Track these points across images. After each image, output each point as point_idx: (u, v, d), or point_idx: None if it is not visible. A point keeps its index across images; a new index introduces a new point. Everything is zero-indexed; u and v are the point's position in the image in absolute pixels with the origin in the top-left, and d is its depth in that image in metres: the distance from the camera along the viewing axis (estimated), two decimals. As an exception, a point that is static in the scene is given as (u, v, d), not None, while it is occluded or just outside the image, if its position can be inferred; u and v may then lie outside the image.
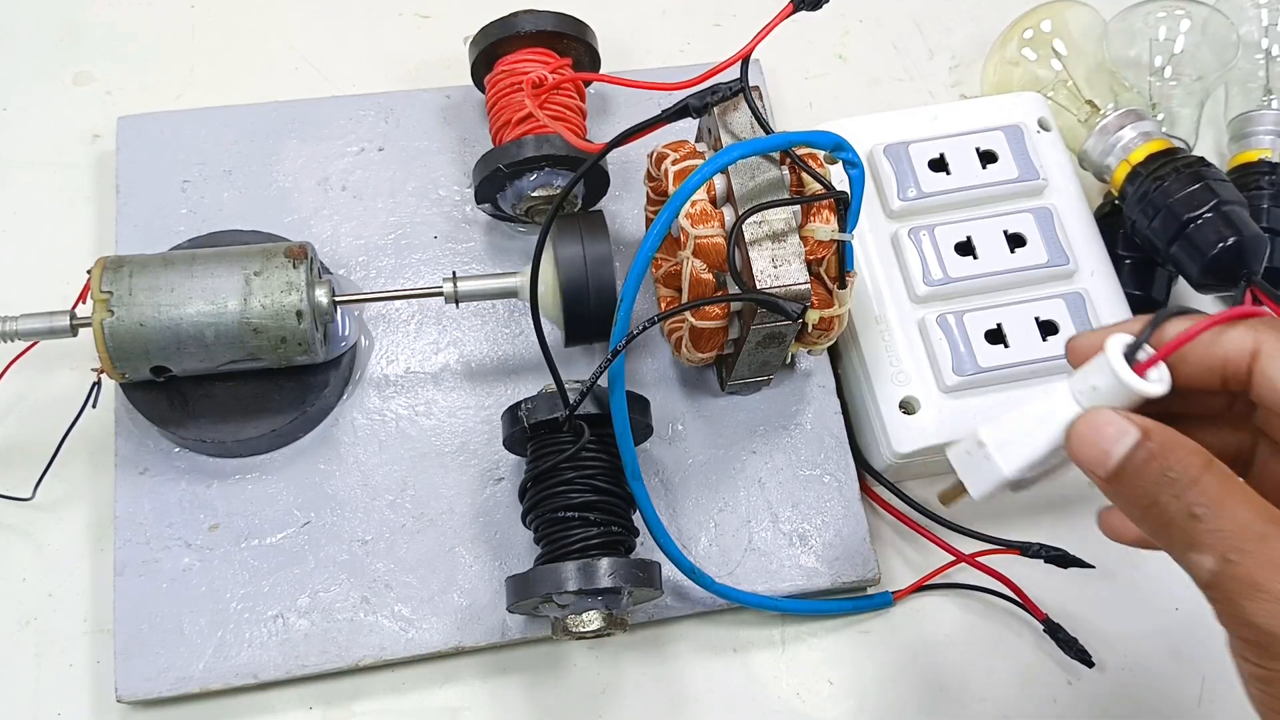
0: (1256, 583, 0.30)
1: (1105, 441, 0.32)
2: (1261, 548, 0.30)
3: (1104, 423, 0.33)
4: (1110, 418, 0.33)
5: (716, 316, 0.45)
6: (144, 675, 0.45)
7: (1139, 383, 0.33)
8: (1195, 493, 0.31)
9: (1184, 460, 0.31)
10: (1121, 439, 0.32)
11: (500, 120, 0.51)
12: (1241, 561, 0.30)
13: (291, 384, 0.49)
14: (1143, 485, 0.32)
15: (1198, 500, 0.31)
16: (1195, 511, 0.31)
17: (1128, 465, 0.32)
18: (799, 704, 0.49)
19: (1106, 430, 0.32)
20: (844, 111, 0.56)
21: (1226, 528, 0.30)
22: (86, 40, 0.60)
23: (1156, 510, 0.32)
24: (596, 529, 0.43)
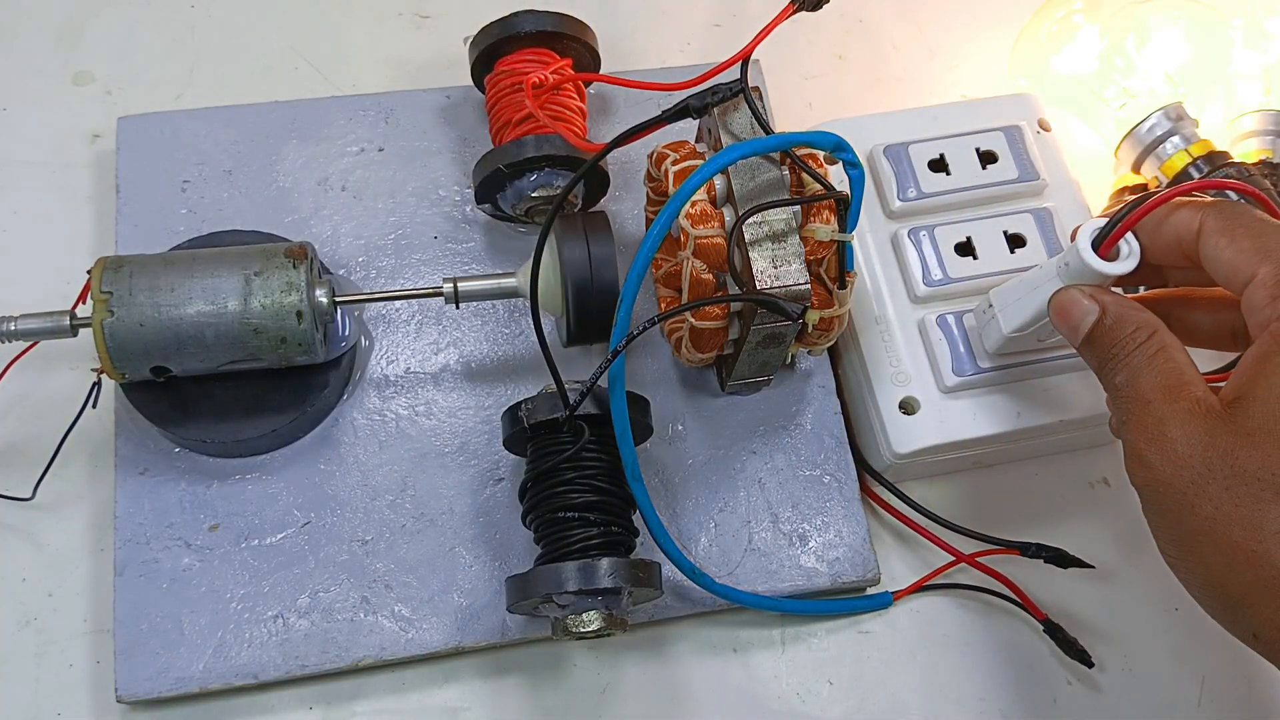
0: (1132, 446, 0.36)
1: (1074, 317, 0.39)
2: (1143, 415, 0.35)
3: (1073, 301, 0.39)
4: (1077, 296, 0.39)
5: (716, 317, 0.45)
6: (144, 675, 0.45)
7: (1098, 262, 0.39)
8: (1124, 365, 0.37)
9: (1125, 335, 0.37)
10: (1086, 315, 0.38)
11: (500, 120, 0.51)
12: (1127, 425, 0.36)
13: (291, 384, 0.49)
14: (1099, 355, 0.38)
15: (1122, 370, 0.37)
16: (1117, 381, 0.37)
17: (1090, 336, 0.38)
18: (799, 704, 0.49)
19: (1075, 307, 0.39)
20: (844, 112, 0.55)
21: (1129, 396, 0.36)
22: (86, 40, 0.60)
23: (1102, 377, 0.38)
24: (596, 529, 0.43)
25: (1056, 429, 0.50)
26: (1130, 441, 0.36)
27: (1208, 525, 0.34)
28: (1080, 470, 0.55)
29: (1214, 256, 0.37)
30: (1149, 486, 0.35)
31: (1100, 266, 0.39)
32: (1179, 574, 0.36)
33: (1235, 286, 0.36)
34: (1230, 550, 0.33)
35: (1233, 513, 0.33)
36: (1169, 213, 0.38)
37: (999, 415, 0.49)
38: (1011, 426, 0.49)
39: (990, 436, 0.49)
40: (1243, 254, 0.36)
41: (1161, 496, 0.35)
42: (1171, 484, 0.34)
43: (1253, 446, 0.33)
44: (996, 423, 0.49)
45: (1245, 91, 0.59)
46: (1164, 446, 0.35)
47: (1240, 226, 0.36)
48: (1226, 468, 0.33)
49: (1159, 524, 0.36)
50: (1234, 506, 0.33)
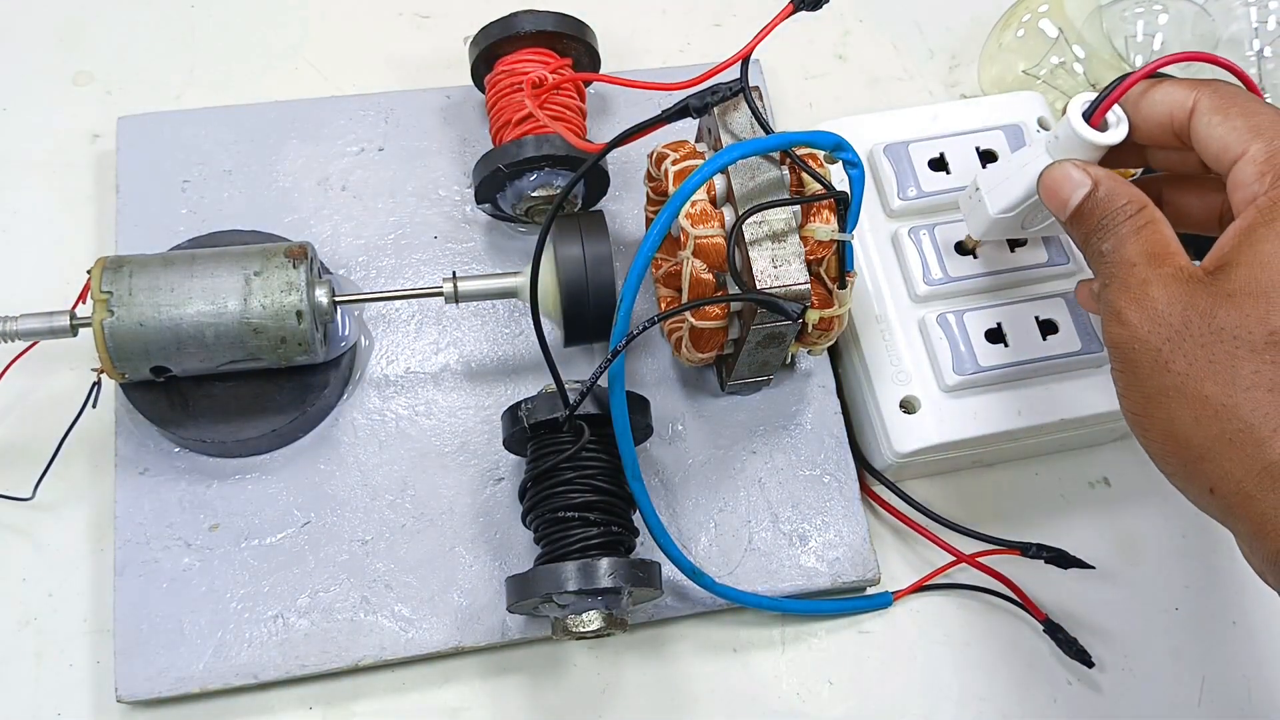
0: (1112, 305, 0.37)
1: (1065, 190, 0.39)
2: (1126, 276, 0.36)
3: (1065, 174, 0.39)
4: (1069, 169, 0.39)
5: (716, 316, 0.45)
6: (144, 675, 0.45)
7: (1089, 132, 0.39)
8: (1112, 234, 0.37)
9: (1117, 208, 0.38)
10: (1078, 189, 0.39)
11: (500, 120, 0.51)
12: (1109, 286, 0.37)
13: (291, 384, 0.49)
14: (1087, 226, 0.38)
15: (1110, 239, 0.37)
16: (1103, 249, 0.38)
17: (1080, 209, 0.39)
18: (799, 704, 0.49)
19: (1067, 181, 0.39)
20: (844, 111, 0.55)
21: (1114, 261, 0.37)
22: (86, 40, 0.60)
23: (1088, 247, 0.38)
24: (596, 529, 0.43)
25: (1057, 428, 0.50)
26: (1110, 300, 0.37)
27: (1180, 381, 0.35)
28: (1080, 470, 0.55)
29: (1206, 133, 0.37)
30: (1124, 344, 0.36)
31: (1091, 136, 0.39)
32: (1141, 431, 0.37)
33: (1224, 163, 0.37)
34: (1199, 404, 0.34)
35: (1205, 369, 0.34)
36: (1158, 87, 0.39)
37: (999, 414, 0.49)
38: (1012, 425, 0.49)
39: (990, 435, 0.49)
40: (1235, 131, 0.37)
41: (1136, 354, 0.36)
42: (1148, 341, 0.35)
43: (1232, 306, 0.34)
44: (997, 422, 0.49)
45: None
46: (1145, 305, 0.35)
47: (1234, 105, 0.37)
48: (1204, 326, 0.34)
49: (1130, 381, 0.37)
50: (1208, 363, 0.34)
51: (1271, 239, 0.34)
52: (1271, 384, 0.33)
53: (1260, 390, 0.33)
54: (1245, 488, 0.34)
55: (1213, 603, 0.52)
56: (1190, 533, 0.54)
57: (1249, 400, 0.33)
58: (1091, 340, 0.49)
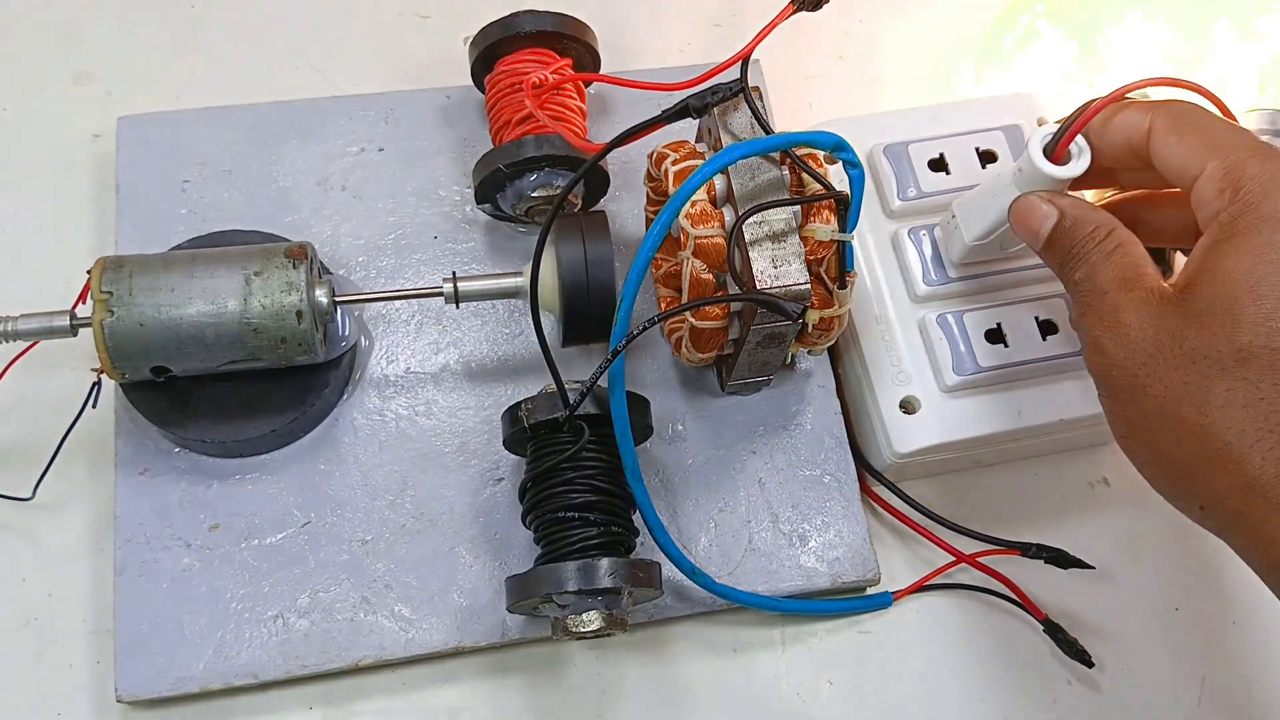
0: (1088, 333, 0.37)
1: (1033, 222, 0.40)
2: (1100, 304, 0.37)
3: (1031, 206, 0.40)
4: (1035, 202, 0.40)
5: (716, 317, 0.45)
6: (144, 675, 0.45)
7: (1050, 167, 0.40)
8: (1083, 262, 0.38)
9: (1085, 235, 0.38)
10: (1045, 220, 0.40)
11: (500, 120, 0.51)
12: (1085, 315, 0.38)
13: (291, 384, 0.49)
14: (1059, 255, 0.39)
15: (1081, 267, 0.38)
16: (1076, 278, 0.38)
17: (1051, 239, 0.40)
18: (799, 704, 0.49)
19: (1034, 213, 0.40)
20: (844, 111, 0.56)
21: (1086, 289, 0.38)
22: (86, 40, 0.60)
23: (1063, 275, 0.39)
24: (596, 529, 0.43)
25: (1056, 428, 0.50)
26: (1087, 330, 0.38)
27: (1158, 404, 0.35)
28: (1080, 470, 0.55)
29: (1164, 155, 0.38)
30: (1104, 372, 0.37)
31: (1052, 171, 0.40)
32: (1131, 455, 0.38)
33: (1185, 183, 0.37)
34: (1178, 426, 0.35)
35: (1180, 391, 0.34)
36: (1118, 113, 0.39)
37: (999, 414, 0.49)
38: (1012, 426, 0.49)
39: (991, 436, 0.49)
40: (1191, 150, 0.37)
41: (1116, 381, 0.37)
42: (1125, 367, 0.36)
43: (1199, 327, 0.34)
44: (997, 422, 0.49)
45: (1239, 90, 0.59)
46: (1118, 332, 0.36)
47: (1188, 125, 0.38)
48: (1175, 348, 0.35)
49: (1113, 408, 0.38)
50: (1181, 385, 0.34)
51: (1232, 254, 0.35)
52: (1245, 400, 0.33)
53: (1234, 407, 0.33)
54: (1231, 505, 0.34)
55: (1213, 603, 0.52)
56: (1190, 533, 0.54)
57: (1224, 418, 0.34)
58: (1091, 340, 0.49)
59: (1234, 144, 0.36)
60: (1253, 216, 0.35)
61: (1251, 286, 0.34)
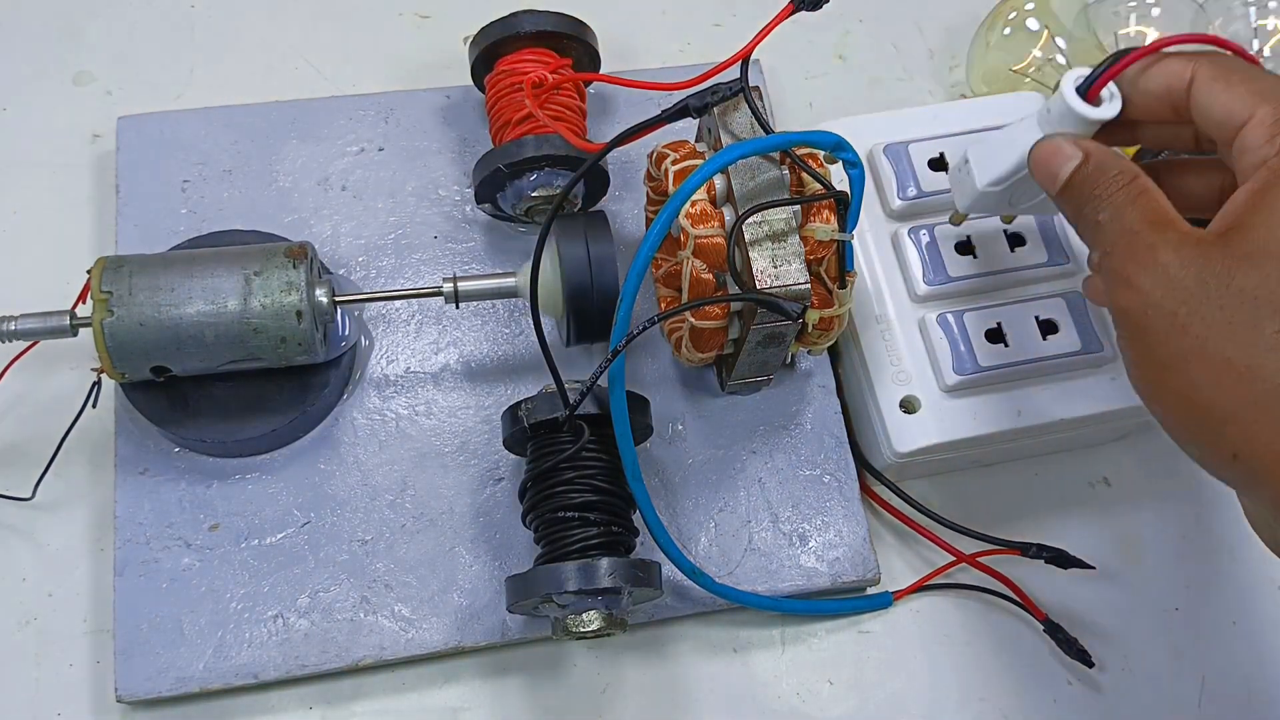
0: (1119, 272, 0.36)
1: (1055, 163, 0.39)
2: (1131, 242, 0.36)
3: (1057, 147, 0.39)
4: (1062, 143, 0.39)
5: (716, 316, 0.45)
6: (144, 675, 0.45)
7: (1083, 106, 0.39)
8: (1107, 203, 0.37)
9: (1109, 178, 0.37)
10: (1068, 161, 0.38)
11: (500, 120, 0.51)
12: (1112, 254, 0.36)
13: (291, 384, 0.49)
14: (1079, 198, 0.38)
15: (1106, 208, 0.37)
16: (1100, 219, 0.37)
17: (1071, 181, 0.38)
18: (799, 704, 0.49)
19: (1058, 154, 0.39)
20: (844, 111, 0.55)
21: (1113, 230, 0.36)
22: (86, 40, 0.60)
23: (1082, 218, 0.38)
24: (596, 529, 0.43)
25: (1057, 428, 0.50)
26: (1117, 268, 0.36)
27: (1198, 345, 0.34)
28: (1080, 470, 0.55)
29: (1207, 102, 0.37)
30: (1136, 310, 0.35)
31: (1085, 110, 0.39)
32: (1156, 401, 0.36)
33: (1229, 129, 0.36)
34: (1221, 368, 0.33)
35: (1226, 330, 0.33)
36: (1157, 62, 0.38)
37: (1000, 414, 0.49)
38: (1012, 425, 0.49)
39: (991, 435, 0.49)
40: (1238, 98, 0.36)
41: (1150, 319, 0.35)
42: (1162, 305, 0.34)
43: (1251, 268, 0.33)
44: (997, 422, 0.49)
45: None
46: (1155, 269, 0.35)
47: (1235, 73, 0.37)
48: (1223, 288, 0.34)
49: (1142, 350, 0.36)
50: (1227, 324, 0.33)
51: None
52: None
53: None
54: (1275, 449, 0.33)
55: (1213, 603, 0.52)
56: (1190, 533, 0.54)
57: (1273, 361, 0.32)
58: (1091, 340, 0.49)
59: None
60: None
61: None
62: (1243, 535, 0.54)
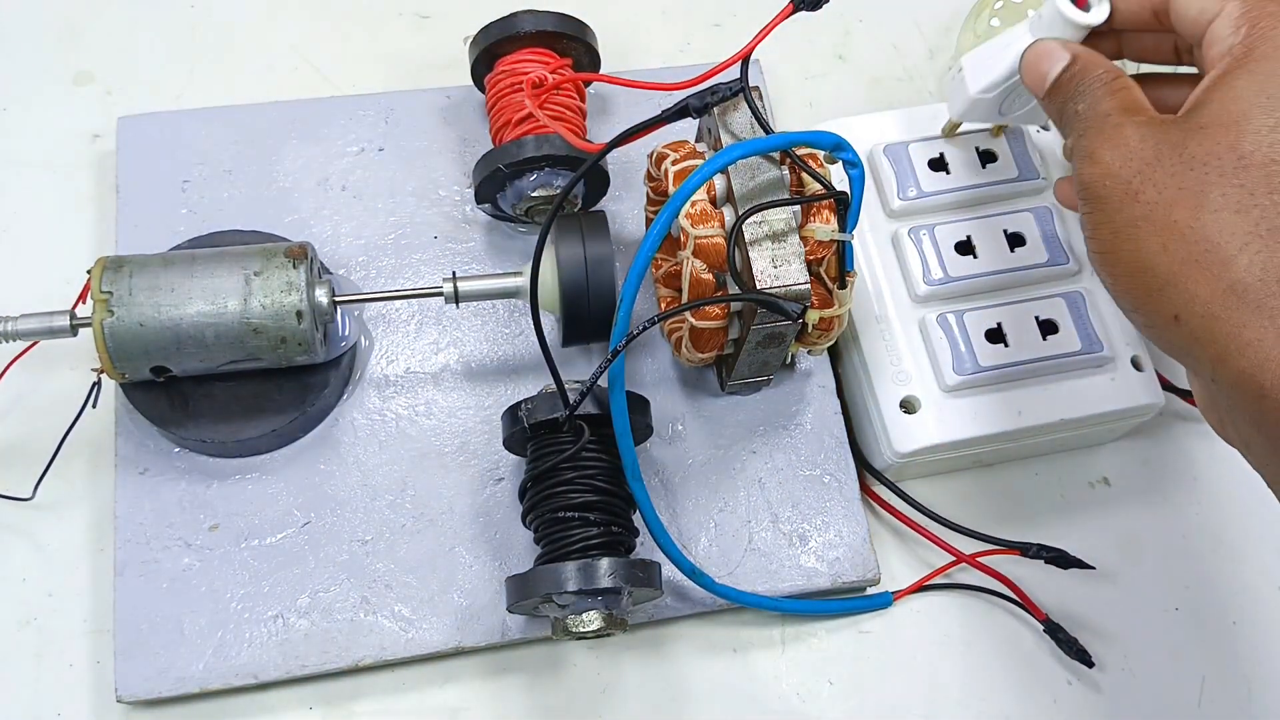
0: (1085, 149, 0.38)
1: (1044, 65, 0.41)
2: (1101, 123, 0.38)
3: (1047, 49, 0.41)
4: (1052, 46, 0.41)
5: (716, 317, 0.45)
6: (144, 675, 0.45)
7: (1072, 11, 0.41)
8: (1087, 94, 0.39)
9: (1093, 75, 0.39)
10: (1057, 63, 0.40)
11: (500, 120, 0.51)
12: (1084, 135, 0.38)
13: (291, 384, 0.49)
14: (1064, 96, 0.40)
15: (1084, 100, 0.39)
16: (1078, 109, 0.39)
17: (1059, 81, 0.40)
18: (799, 704, 0.49)
19: (1048, 56, 0.41)
20: (844, 111, 0.55)
21: (1088, 115, 0.38)
22: (86, 40, 0.60)
23: (1064, 113, 0.40)
24: (596, 529, 0.43)
25: (1057, 428, 0.50)
26: (1085, 145, 0.38)
27: (1149, 210, 0.35)
28: (1080, 470, 0.55)
29: (1183, 3, 0.39)
30: (1095, 180, 0.37)
31: (1074, 15, 0.41)
32: (1108, 267, 0.38)
33: (1201, 26, 0.38)
34: (1168, 230, 0.35)
35: (1175, 195, 0.35)
36: None
37: (1000, 414, 0.49)
38: (1012, 426, 0.49)
39: (991, 436, 0.49)
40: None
41: (1107, 189, 0.37)
42: (1119, 174, 0.36)
43: (1204, 136, 0.35)
44: (997, 422, 0.49)
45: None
46: (1117, 144, 0.37)
47: None
48: (1175, 156, 0.35)
49: (1099, 218, 0.37)
50: (1177, 190, 0.35)
51: (1244, 76, 0.35)
52: (1239, 205, 0.34)
53: (1227, 212, 0.34)
54: (1211, 309, 0.34)
55: (1213, 603, 0.52)
56: (1190, 533, 0.54)
57: (1216, 221, 0.34)
58: (1092, 340, 0.49)
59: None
60: (1268, 45, 0.35)
61: (1260, 101, 0.34)
62: (1243, 535, 0.54)
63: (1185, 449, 0.55)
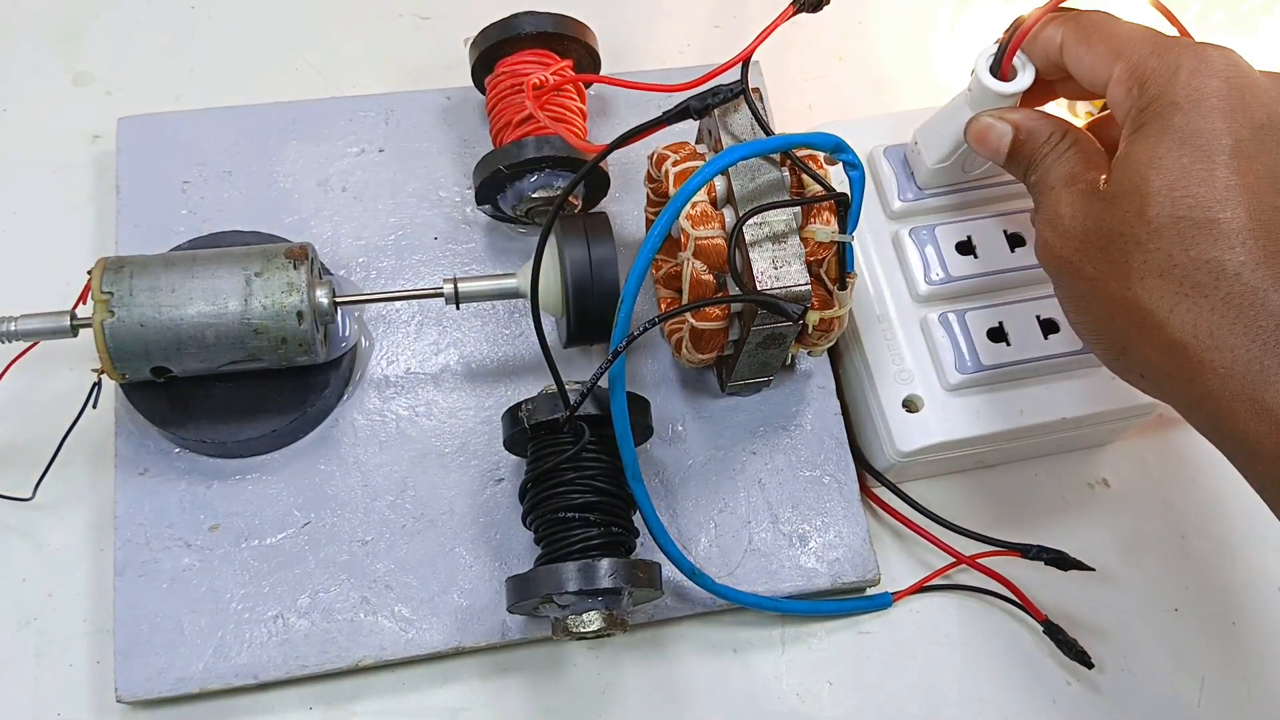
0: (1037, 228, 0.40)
1: (992, 140, 0.43)
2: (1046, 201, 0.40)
3: (986, 126, 0.43)
4: (988, 121, 0.43)
5: (717, 318, 0.45)
6: (144, 675, 0.45)
7: (997, 84, 0.43)
8: (1039, 164, 0.41)
9: (1041, 142, 0.41)
10: (1003, 137, 0.43)
11: (501, 121, 0.51)
12: (1036, 212, 0.41)
13: (292, 384, 0.49)
14: (1022, 165, 0.42)
15: (1036, 170, 0.41)
16: (1032, 180, 0.42)
17: (1013, 152, 0.43)
18: (799, 704, 0.49)
19: (990, 131, 0.43)
20: (844, 112, 0.56)
21: (1038, 189, 0.41)
22: (86, 40, 0.60)
23: (1024, 181, 0.42)
24: (597, 529, 0.43)
25: (1059, 427, 0.50)
26: (1036, 224, 0.41)
27: (1091, 285, 0.38)
28: (1080, 470, 0.55)
29: (1076, 66, 0.40)
30: (1048, 263, 0.40)
31: (999, 88, 0.43)
32: (1078, 331, 0.41)
33: (1099, 89, 0.40)
34: (1109, 302, 0.37)
35: (1107, 269, 0.37)
36: (1041, 30, 0.42)
37: (1002, 413, 0.49)
38: (1014, 425, 0.49)
39: (993, 434, 0.49)
40: (1099, 59, 0.39)
41: (1058, 269, 0.39)
42: (1062, 254, 0.39)
43: (1115, 208, 0.37)
44: (999, 421, 0.49)
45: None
46: (1056, 223, 0.39)
47: (1094, 33, 0.40)
48: (1098, 231, 0.37)
49: (1061, 295, 0.41)
50: (1107, 264, 0.37)
51: (1139, 140, 0.37)
52: (1160, 269, 0.35)
53: (1151, 278, 0.36)
54: (1163, 368, 0.36)
55: (1213, 603, 0.52)
56: (1190, 533, 0.54)
57: (1144, 289, 0.36)
58: (1091, 341, 0.49)
59: (1135, 44, 0.38)
60: (1156, 106, 0.37)
61: (1154, 164, 0.36)
62: (1243, 535, 0.54)
63: (1185, 449, 0.55)
